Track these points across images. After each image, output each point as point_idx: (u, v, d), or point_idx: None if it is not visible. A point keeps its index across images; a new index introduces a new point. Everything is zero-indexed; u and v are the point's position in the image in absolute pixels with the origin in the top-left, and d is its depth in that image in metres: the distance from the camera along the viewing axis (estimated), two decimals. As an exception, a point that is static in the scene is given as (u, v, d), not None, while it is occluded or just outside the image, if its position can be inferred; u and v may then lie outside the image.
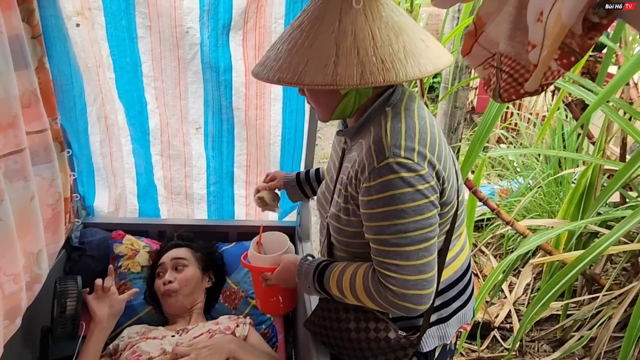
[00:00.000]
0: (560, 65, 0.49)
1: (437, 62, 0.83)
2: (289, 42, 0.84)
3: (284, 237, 1.25)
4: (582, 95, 1.61)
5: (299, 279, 1.03)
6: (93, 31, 1.41)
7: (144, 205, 1.77)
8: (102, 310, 1.26)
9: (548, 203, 2.64)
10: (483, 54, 0.59)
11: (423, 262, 0.85)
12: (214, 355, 1.12)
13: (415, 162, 0.83)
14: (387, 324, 1.00)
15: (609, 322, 1.85)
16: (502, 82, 0.56)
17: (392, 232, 0.84)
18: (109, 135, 1.60)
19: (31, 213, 1.17)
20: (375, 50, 0.79)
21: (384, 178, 0.82)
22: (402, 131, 0.85)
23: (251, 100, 1.55)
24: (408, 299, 0.86)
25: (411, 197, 0.82)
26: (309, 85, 0.80)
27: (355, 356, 1.05)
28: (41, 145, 1.25)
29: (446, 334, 1.05)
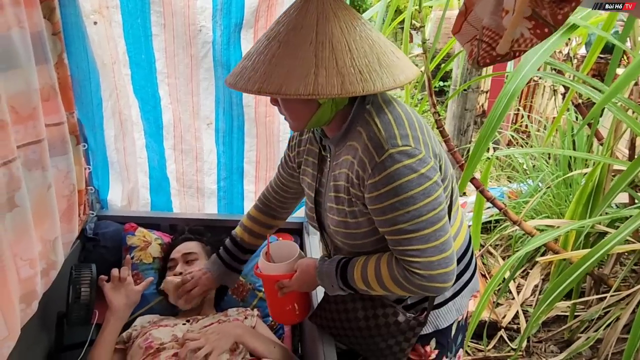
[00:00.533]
0: (533, 34, 0.52)
1: (407, 72, 0.87)
2: (266, 53, 0.84)
3: (293, 245, 1.24)
4: (590, 95, 1.61)
5: (321, 279, 1.04)
6: (110, 29, 1.47)
7: (156, 199, 1.82)
8: (118, 300, 1.28)
9: (557, 205, 2.63)
10: (471, 31, 0.62)
11: (442, 241, 0.88)
12: (222, 340, 1.15)
13: (413, 147, 0.86)
14: (395, 309, 1.03)
15: (616, 323, 1.84)
16: (482, 51, 0.59)
17: (407, 219, 0.86)
18: (123, 130, 1.65)
19: (48, 202, 1.21)
20: (353, 61, 0.81)
21: (388, 170, 0.85)
22: (392, 121, 0.88)
23: (260, 98, 1.59)
24: (435, 279, 0.88)
25: (417, 182, 0.85)
26: (292, 95, 0.79)
27: (366, 343, 1.08)
28: (58, 137, 1.29)
29: (462, 305, 1.09)
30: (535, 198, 2.46)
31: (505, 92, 1.58)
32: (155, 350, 1.18)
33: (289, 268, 1.12)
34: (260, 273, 1.17)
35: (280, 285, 1.12)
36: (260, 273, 1.17)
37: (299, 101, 0.88)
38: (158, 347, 1.18)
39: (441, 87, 6.17)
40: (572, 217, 2.01)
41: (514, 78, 1.54)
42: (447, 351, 1.12)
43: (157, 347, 1.18)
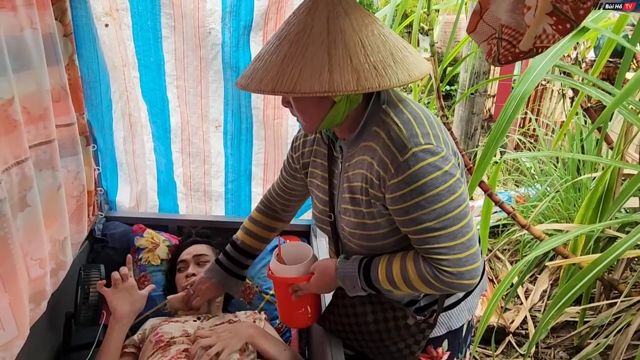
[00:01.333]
0: (555, 30, 0.52)
1: (421, 67, 0.86)
2: (277, 53, 0.83)
3: (305, 246, 1.20)
4: (600, 97, 1.60)
5: (342, 281, 1.01)
6: (120, 31, 1.48)
7: (163, 202, 1.82)
8: (122, 307, 1.24)
9: (566, 209, 2.60)
10: (487, 30, 0.61)
11: (468, 238, 0.88)
12: (233, 339, 1.15)
13: (435, 145, 0.85)
14: (405, 312, 1.03)
15: (627, 329, 1.81)
16: (502, 49, 0.59)
17: (433, 217, 0.85)
18: (132, 132, 1.66)
19: (58, 202, 1.22)
20: (367, 58, 0.81)
21: (413, 169, 0.84)
22: (412, 120, 0.88)
23: (269, 100, 1.59)
24: (464, 276, 0.88)
25: (442, 179, 0.85)
26: (307, 93, 0.79)
27: (376, 347, 1.07)
28: (68, 138, 1.30)
29: (473, 305, 1.09)
30: (545, 202, 2.44)
31: (515, 96, 1.57)
32: (165, 344, 1.17)
33: (304, 270, 1.09)
34: (273, 275, 1.12)
35: (296, 287, 1.09)
36: (273, 275, 1.12)
37: (312, 101, 0.87)
38: (168, 341, 1.18)
39: (448, 91, 6.16)
40: (581, 221, 1.99)
41: (523, 81, 1.53)
42: (457, 352, 1.12)
43: (168, 341, 1.18)
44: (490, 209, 2.01)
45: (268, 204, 1.30)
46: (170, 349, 1.16)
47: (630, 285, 1.87)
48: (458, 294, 1.06)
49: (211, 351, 1.10)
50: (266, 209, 1.31)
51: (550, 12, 0.49)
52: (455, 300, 1.06)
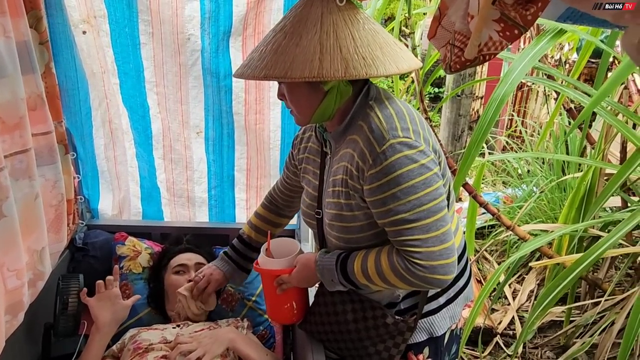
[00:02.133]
0: (502, 37, 0.52)
1: (410, 62, 0.91)
2: (272, 43, 0.89)
3: (293, 242, 1.23)
4: (579, 99, 1.62)
5: (321, 274, 1.03)
6: (99, 38, 1.47)
7: (147, 208, 1.81)
8: (104, 316, 1.24)
9: (552, 209, 2.63)
10: (446, 35, 0.62)
11: (443, 232, 0.88)
12: (214, 344, 1.14)
13: (413, 139, 0.87)
14: (384, 311, 1.03)
15: (611, 327, 1.82)
16: (454, 56, 0.59)
17: (408, 209, 0.87)
18: (114, 139, 1.65)
19: (35, 212, 1.20)
20: (356, 49, 0.86)
21: (389, 160, 0.86)
22: (393, 115, 0.90)
23: (251, 105, 1.59)
24: (437, 270, 0.88)
25: (418, 171, 0.86)
26: (297, 79, 0.84)
27: (355, 348, 1.07)
28: (46, 147, 1.29)
29: (455, 313, 1.09)
30: (529, 203, 2.46)
31: (495, 98, 1.59)
32: (143, 350, 1.16)
33: (289, 263, 1.11)
34: (259, 267, 1.16)
35: (280, 281, 1.11)
36: (259, 267, 1.16)
37: (305, 92, 0.92)
38: (146, 347, 1.17)
39: (436, 93, 6.20)
40: (565, 221, 2.01)
41: (502, 83, 1.55)
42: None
43: (146, 347, 1.17)
44: (475, 210, 2.02)
45: (272, 200, 1.34)
46: (147, 356, 1.14)
47: (613, 284, 1.89)
48: (439, 300, 1.05)
49: (192, 356, 1.09)
50: (270, 205, 1.34)
51: (498, 19, 0.50)
52: (436, 306, 1.06)
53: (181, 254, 1.45)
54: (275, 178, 1.73)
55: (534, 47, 1.59)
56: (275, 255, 1.21)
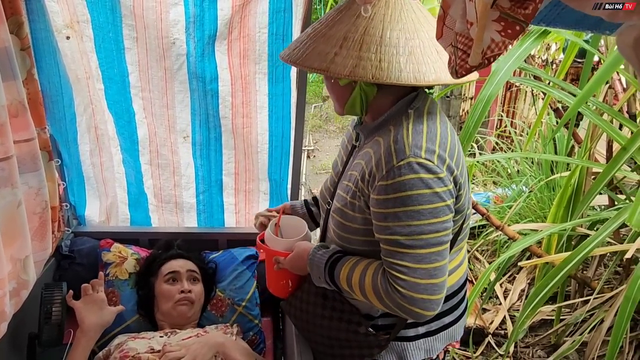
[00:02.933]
0: (504, 35, 0.51)
1: (441, 74, 0.84)
2: (312, 28, 0.91)
3: (303, 223, 1.21)
4: (564, 99, 1.63)
5: (310, 268, 1.01)
6: (82, 43, 1.45)
7: (135, 214, 1.79)
8: (90, 319, 1.24)
9: (541, 208, 2.64)
10: (450, 34, 0.61)
11: (435, 266, 0.84)
12: (203, 349, 1.13)
13: (435, 164, 0.83)
14: (359, 319, 1.01)
15: (600, 325, 1.84)
16: (459, 59, 0.58)
17: (406, 233, 0.83)
18: (99, 145, 1.63)
19: (18, 220, 1.18)
20: (378, 49, 0.83)
21: (403, 177, 0.82)
22: (424, 133, 0.86)
23: (238, 109, 1.58)
24: (417, 303, 0.84)
25: (429, 198, 0.82)
26: (305, 67, 0.85)
27: (323, 344, 1.07)
28: (28, 154, 1.27)
29: (433, 347, 1.04)
30: (518, 202, 2.47)
31: (481, 98, 1.60)
32: (130, 359, 1.15)
33: (288, 246, 1.10)
34: (259, 243, 1.17)
35: (276, 260, 1.10)
36: (260, 244, 1.17)
37: (335, 84, 0.92)
38: (133, 356, 1.16)
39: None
40: (553, 220, 2.02)
41: (489, 83, 1.56)
42: None
43: (132, 356, 1.16)
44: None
45: None
46: None
47: (602, 282, 1.90)
48: (418, 329, 1.02)
49: None
50: None
51: (497, 18, 0.49)
52: (413, 334, 1.02)
53: (172, 261, 1.44)
54: (263, 181, 1.71)
55: (519, 48, 1.60)
56: (284, 232, 1.21)
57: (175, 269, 1.40)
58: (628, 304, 1.37)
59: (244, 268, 1.57)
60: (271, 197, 1.76)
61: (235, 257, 1.59)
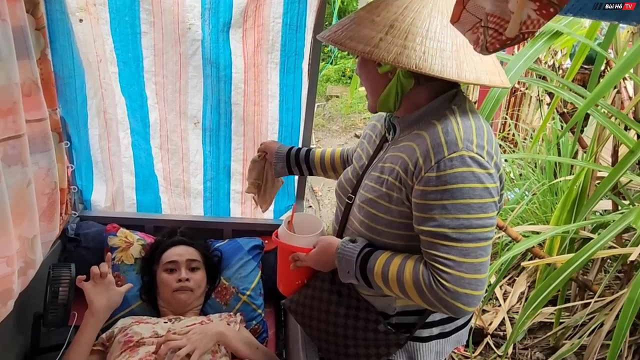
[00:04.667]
0: (539, 15, 0.53)
1: (482, 75, 0.84)
2: (356, 14, 0.91)
3: (317, 220, 1.18)
4: (573, 100, 1.64)
5: (339, 263, 0.96)
6: (97, 26, 1.45)
7: (142, 198, 1.78)
8: (99, 301, 1.24)
9: (543, 212, 2.65)
10: (471, 19, 0.62)
11: (480, 261, 0.83)
12: (203, 340, 1.13)
13: (485, 159, 0.83)
14: (378, 317, 1.00)
15: (600, 329, 1.84)
16: (489, 37, 0.60)
17: (454, 226, 0.81)
18: (108, 130, 1.63)
19: (27, 199, 1.19)
20: (423, 41, 0.83)
21: (455, 169, 0.81)
22: (473, 128, 0.85)
23: (249, 97, 1.58)
24: (460, 298, 0.82)
25: (479, 193, 0.81)
26: (348, 48, 0.84)
27: (335, 343, 1.05)
28: (39, 134, 1.27)
29: (444, 350, 1.04)
30: (521, 205, 2.48)
31: (490, 97, 1.60)
32: (134, 344, 1.15)
33: (308, 242, 1.05)
34: (277, 240, 1.11)
35: (295, 257, 1.06)
36: (278, 240, 1.11)
37: (369, 73, 0.92)
38: (137, 341, 1.16)
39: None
40: (557, 223, 2.03)
41: (499, 83, 1.56)
42: None
43: (137, 341, 1.16)
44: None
45: (340, 157, 1.33)
46: (138, 350, 1.13)
47: (603, 286, 1.91)
48: (432, 330, 1.01)
49: (181, 352, 1.08)
50: (342, 155, 1.34)
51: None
52: (427, 335, 1.01)
53: (173, 248, 1.44)
54: (271, 171, 1.72)
55: (530, 48, 1.61)
56: (296, 229, 1.16)
57: (173, 259, 1.40)
58: (631, 305, 1.37)
59: (249, 258, 1.57)
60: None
61: (241, 246, 1.59)
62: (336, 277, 1.02)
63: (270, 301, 1.64)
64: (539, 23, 0.54)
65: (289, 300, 1.17)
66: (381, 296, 1.00)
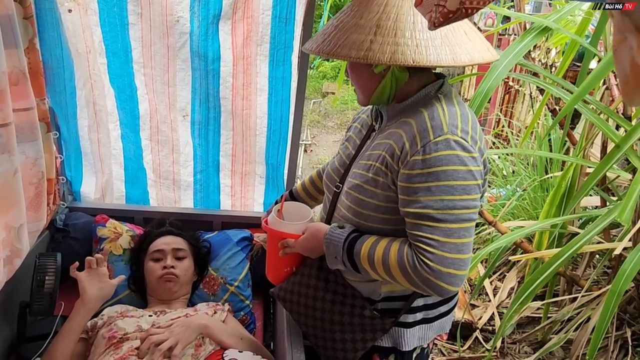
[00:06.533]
0: None
1: (475, 54, 0.86)
2: (338, 20, 0.91)
3: (306, 208, 1.20)
4: (561, 95, 1.65)
5: (327, 248, 0.98)
6: (86, 17, 1.45)
7: (131, 191, 1.79)
8: (92, 291, 1.24)
9: (534, 208, 2.67)
10: (430, 1, 0.63)
11: (463, 242, 0.85)
12: (186, 332, 1.12)
13: (469, 144, 0.86)
14: (364, 303, 1.02)
15: (586, 324, 1.86)
16: (437, 13, 0.61)
17: (438, 207, 0.84)
18: (97, 121, 1.63)
19: (14, 188, 1.19)
20: (413, 34, 0.84)
21: (440, 152, 0.84)
22: (458, 114, 0.89)
23: (238, 91, 1.59)
24: (443, 277, 0.84)
25: (463, 175, 0.84)
26: (343, 57, 0.85)
27: (322, 329, 1.06)
28: (27, 123, 1.27)
29: (426, 336, 1.06)
30: (512, 201, 2.50)
31: (480, 92, 1.61)
32: (118, 340, 1.15)
33: (298, 229, 1.08)
34: (267, 227, 1.13)
35: (285, 244, 1.07)
36: (268, 227, 1.12)
37: (363, 73, 0.93)
38: (121, 337, 1.16)
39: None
40: (545, 218, 2.04)
41: (487, 77, 1.57)
42: None
43: (121, 337, 1.16)
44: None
45: (318, 177, 1.34)
46: (122, 346, 1.13)
47: (590, 281, 1.93)
48: (416, 315, 1.03)
49: (163, 346, 1.07)
50: (316, 179, 1.35)
51: None
52: (411, 321, 1.03)
53: (161, 238, 1.44)
54: (260, 165, 1.72)
55: (519, 43, 1.62)
56: (286, 218, 1.18)
57: (160, 247, 1.41)
58: (613, 297, 1.39)
59: (238, 249, 1.58)
60: (267, 181, 1.77)
61: (230, 238, 1.59)
62: (324, 264, 1.04)
63: (259, 293, 1.65)
64: (483, 1, 0.54)
65: (277, 288, 1.18)
66: (367, 282, 1.02)
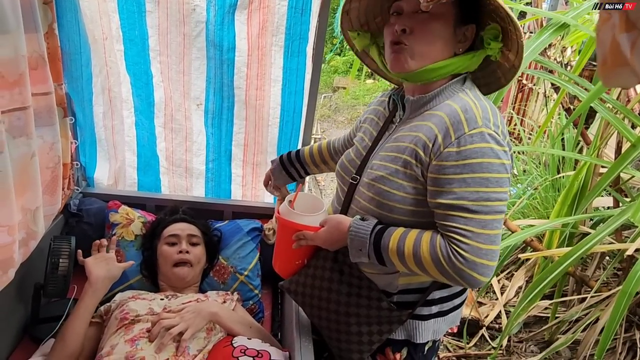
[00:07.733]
0: None
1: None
2: None
3: (319, 200, 1.16)
4: (577, 93, 1.63)
5: (351, 240, 0.96)
6: (104, 3, 1.46)
7: (143, 178, 1.80)
8: (98, 272, 1.25)
9: (545, 208, 2.65)
10: None
11: (495, 233, 0.86)
12: (197, 318, 1.14)
13: (500, 137, 0.87)
14: (380, 295, 1.01)
15: (595, 324, 1.85)
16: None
17: (474, 198, 0.85)
18: (112, 108, 1.64)
19: (31, 170, 1.20)
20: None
21: (475, 145, 0.85)
22: (489, 109, 0.89)
23: (252, 81, 1.59)
24: (477, 268, 0.85)
25: (497, 168, 0.85)
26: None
27: (337, 321, 1.06)
28: (45, 107, 1.29)
29: (440, 329, 1.06)
30: (522, 199, 2.48)
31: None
32: (129, 321, 1.17)
33: (314, 220, 1.04)
34: (281, 217, 1.07)
35: (301, 236, 1.04)
36: (284, 218, 1.06)
37: (443, 33, 0.90)
38: (133, 318, 1.18)
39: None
40: (557, 217, 2.03)
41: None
42: None
43: (132, 318, 1.18)
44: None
45: (328, 149, 1.34)
46: (133, 327, 1.15)
47: (600, 282, 1.91)
48: (432, 308, 1.03)
49: (173, 330, 1.09)
50: (328, 147, 1.35)
51: None
52: (427, 314, 1.03)
53: (175, 224, 1.46)
54: (272, 155, 1.73)
55: (536, 40, 1.60)
56: (297, 209, 1.11)
57: (175, 232, 1.42)
58: (624, 298, 1.37)
59: (248, 239, 1.59)
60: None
61: (241, 227, 1.61)
62: (338, 256, 1.04)
63: (267, 283, 1.66)
64: None
65: (287, 281, 1.17)
66: (384, 274, 1.02)
